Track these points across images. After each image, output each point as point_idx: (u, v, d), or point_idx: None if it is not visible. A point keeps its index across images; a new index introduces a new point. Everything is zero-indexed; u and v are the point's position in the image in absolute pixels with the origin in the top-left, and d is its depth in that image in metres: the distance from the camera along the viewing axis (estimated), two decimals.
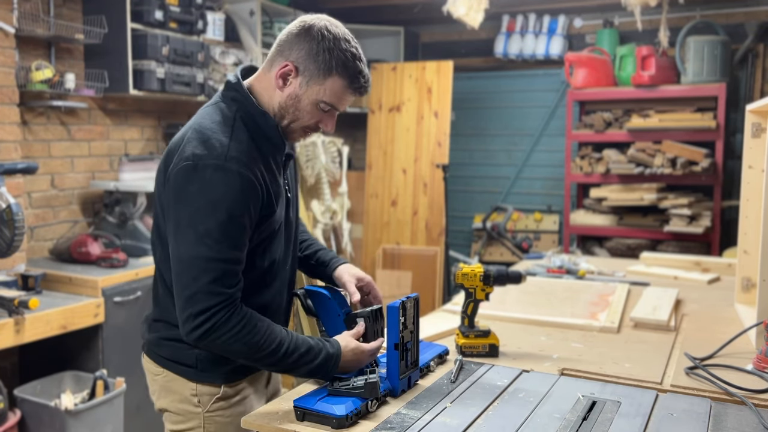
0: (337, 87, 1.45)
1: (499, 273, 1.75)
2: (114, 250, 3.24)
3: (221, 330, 1.37)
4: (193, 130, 1.46)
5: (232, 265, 1.39)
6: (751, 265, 2.19)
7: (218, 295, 1.37)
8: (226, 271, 1.38)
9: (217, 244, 1.37)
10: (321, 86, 1.45)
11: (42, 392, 2.91)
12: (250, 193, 1.40)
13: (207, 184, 1.38)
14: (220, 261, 1.37)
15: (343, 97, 1.48)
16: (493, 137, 5.59)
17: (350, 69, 1.44)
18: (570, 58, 4.73)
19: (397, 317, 1.45)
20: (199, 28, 3.80)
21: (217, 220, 1.37)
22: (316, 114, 1.49)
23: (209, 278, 1.36)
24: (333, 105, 1.48)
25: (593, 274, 2.83)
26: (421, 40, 5.84)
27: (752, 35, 4.55)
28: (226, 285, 1.38)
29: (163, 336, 1.56)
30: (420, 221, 5.06)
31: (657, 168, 4.43)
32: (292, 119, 1.49)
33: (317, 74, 1.44)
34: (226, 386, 1.54)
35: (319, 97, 1.46)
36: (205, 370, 1.52)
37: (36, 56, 3.30)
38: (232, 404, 1.55)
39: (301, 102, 1.47)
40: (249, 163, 1.41)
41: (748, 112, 2.21)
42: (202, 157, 1.39)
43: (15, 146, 3.06)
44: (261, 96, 1.51)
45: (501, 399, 1.46)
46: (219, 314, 1.37)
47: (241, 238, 1.41)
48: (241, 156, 1.41)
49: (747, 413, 1.39)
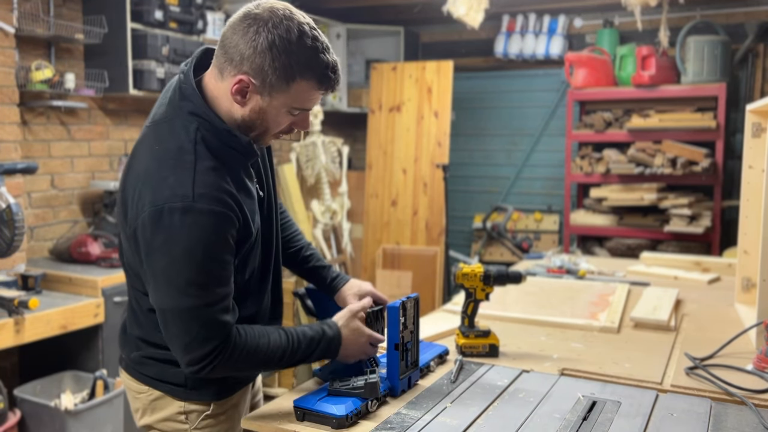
0: (305, 89, 1.30)
1: (499, 273, 1.75)
2: (114, 250, 3.24)
3: (224, 365, 1.31)
4: (147, 165, 1.30)
5: (222, 302, 1.30)
6: (751, 265, 2.19)
7: (214, 339, 1.28)
8: (217, 311, 1.28)
9: (202, 291, 1.26)
10: (286, 94, 1.30)
11: (42, 392, 2.91)
12: (226, 228, 1.28)
13: (177, 232, 1.24)
14: (209, 306, 1.27)
15: (314, 97, 1.33)
16: (493, 137, 5.58)
17: (315, 68, 1.28)
18: (570, 58, 4.73)
19: (397, 317, 1.45)
20: (199, 28, 3.80)
21: (197, 268, 1.25)
22: (286, 119, 1.35)
23: (200, 325, 1.27)
24: (305, 108, 1.34)
25: (593, 274, 2.82)
26: (421, 40, 5.84)
27: (752, 35, 4.55)
28: (220, 325, 1.29)
29: (147, 355, 1.46)
30: (420, 221, 5.06)
31: (657, 168, 4.43)
32: (262, 130, 1.36)
33: (279, 84, 1.28)
34: (215, 403, 1.48)
35: (288, 104, 1.31)
36: (195, 388, 1.45)
37: (36, 56, 3.30)
38: (220, 421, 1.50)
39: (267, 114, 1.32)
40: (219, 194, 1.27)
41: (748, 112, 2.21)
42: (166, 200, 1.24)
43: (15, 146, 3.06)
44: (219, 103, 1.34)
45: (501, 399, 1.46)
46: (219, 356, 1.29)
47: (225, 273, 1.30)
48: (209, 190, 1.26)
49: (747, 413, 1.39)
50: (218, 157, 1.32)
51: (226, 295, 1.31)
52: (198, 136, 1.31)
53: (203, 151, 1.30)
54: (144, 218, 1.26)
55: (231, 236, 1.30)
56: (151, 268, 1.28)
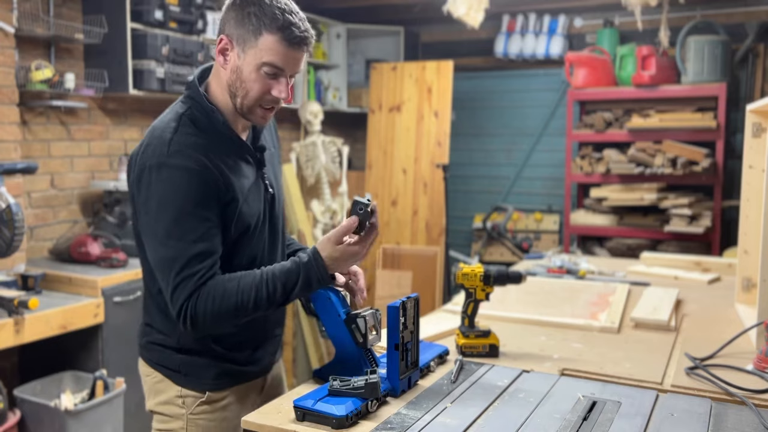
0: (271, 43, 1.38)
1: (499, 273, 1.75)
2: (114, 250, 3.24)
3: (200, 314, 1.38)
4: (146, 135, 1.48)
5: (200, 257, 1.38)
6: (751, 265, 2.19)
7: (186, 288, 1.37)
8: (193, 266, 1.38)
9: (179, 243, 1.37)
10: (256, 49, 1.39)
11: (42, 392, 2.91)
12: (200, 184, 1.38)
13: (154, 186, 1.38)
14: (185, 258, 1.37)
15: (282, 54, 1.40)
16: (493, 137, 5.58)
17: (279, 22, 1.37)
18: (570, 58, 4.73)
19: (397, 317, 1.45)
20: (199, 27, 3.80)
21: (171, 219, 1.37)
22: (261, 81, 1.42)
23: (178, 275, 1.37)
24: (274, 65, 1.40)
25: (593, 274, 2.82)
26: (421, 40, 5.84)
27: (752, 35, 4.55)
28: (195, 277, 1.38)
29: (150, 340, 1.58)
30: (420, 221, 5.06)
31: (657, 168, 4.43)
32: (242, 95, 1.44)
33: (249, 38, 1.39)
34: (210, 393, 1.55)
35: (258, 60, 1.40)
36: (188, 375, 1.54)
37: (36, 56, 3.30)
38: (216, 408, 1.56)
39: (243, 72, 1.42)
40: (194, 154, 1.39)
41: (748, 112, 2.20)
42: (147, 158, 1.40)
43: (15, 146, 3.06)
44: (216, 89, 1.49)
45: (501, 399, 1.46)
46: (192, 303, 1.38)
47: (202, 227, 1.38)
48: (183, 149, 1.39)
49: (747, 413, 1.39)
50: (204, 132, 1.45)
51: (207, 252, 1.39)
52: (186, 113, 1.46)
53: (187, 123, 1.45)
54: (133, 178, 1.44)
55: (208, 194, 1.39)
56: (141, 227, 1.43)
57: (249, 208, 1.49)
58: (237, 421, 1.51)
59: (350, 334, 1.49)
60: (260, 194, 1.55)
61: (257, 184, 1.54)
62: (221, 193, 1.42)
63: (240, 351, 1.59)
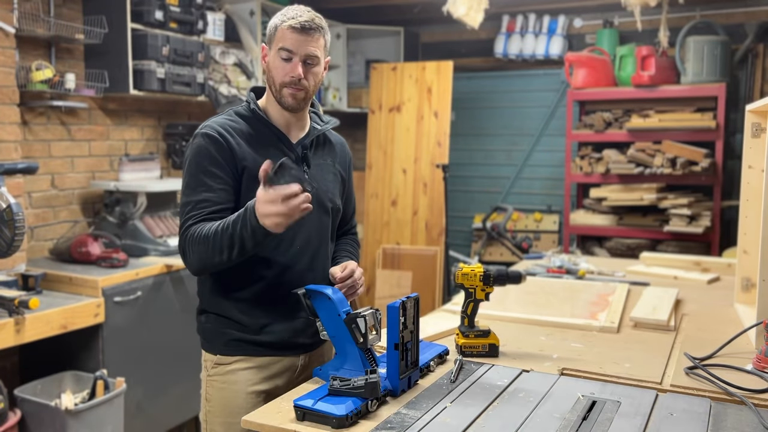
0: (281, 32, 1.69)
1: (499, 273, 1.75)
2: (114, 250, 3.24)
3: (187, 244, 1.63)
4: None
5: (204, 204, 1.65)
6: (750, 265, 2.20)
7: (186, 225, 1.65)
8: (197, 207, 1.65)
9: (192, 192, 1.67)
10: (274, 42, 1.71)
11: (42, 392, 2.91)
12: (215, 149, 1.67)
13: (188, 151, 1.73)
14: (193, 203, 1.66)
15: (290, 38, 1.67)
16: (493, 137, 5.59)
17: (288, 16, 1.69)
18: (570, 58, 4.74)
19: (397, 317, 1.45)
20: (199, 28, 3.80)
21: (190, 174, 1.69)
22: (280, 65, 1.69)
23: (184, 215, 1.67)
24: (285, 48, 1.68)
25: (593, 274, 2.83)
26: (421, 40, 5.84)
27: (752, 35, 4.55)
28: (195, 215, 1.64)
29: (197, 310, 1.84)
30: (420, 221, 5.06)
31: (657, 168, 4.44)
32: (272, 82, 1.73)
33: (272, 37, 1.72)
34: (221, 356, 1.76)
35: (276, 48, 1.69)
36: (206, 339, 1.79)
37: (36, 56, 3.30)
38: (226, 372, 1.75)
39: (270, 64, 1.73)
40: (218, 128, 1.70)
41: (748, 112, 2.21)
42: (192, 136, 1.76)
43: (15, 146, 3.06)
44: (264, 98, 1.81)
45: (501, 399, 1.46)
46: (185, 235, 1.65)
47: (210, 181, 1.66)
48: (215, 125, 1.71)
49: (747, 413, 1.39)
50: (246, 121, 1.76)
51: (210, 200, 1.66)
52: (240, 111, 1.79)
53: (233, 114, 1.78)
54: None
55: (220, 155, 1.67)
56: None
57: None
58: (250, 389, 1.73)
59: (350, 334, 1.50)
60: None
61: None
62: (235, 160, 1.68)
63: (252, 317, 1.74)
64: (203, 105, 4.26)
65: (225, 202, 1.67)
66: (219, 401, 1.76)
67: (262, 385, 1.76)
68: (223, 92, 3.99)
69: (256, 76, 4.25)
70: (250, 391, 1.74)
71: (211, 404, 1.78)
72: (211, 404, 1.78)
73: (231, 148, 1.69)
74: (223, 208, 1.66)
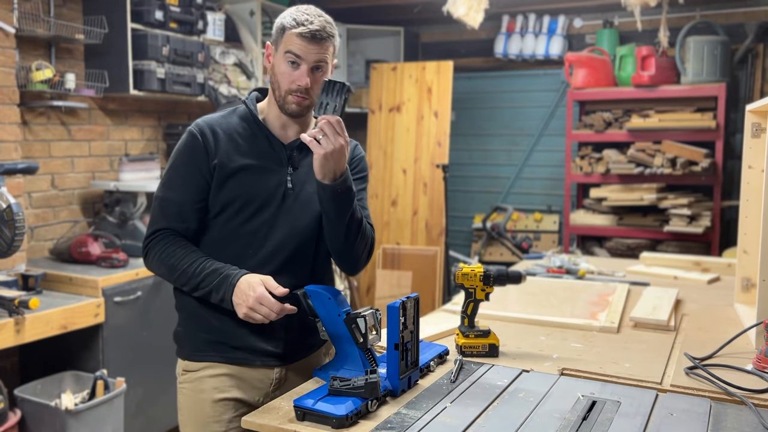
0: (289, 37, 1.62)
1: (499, 273, 1.75)
2: (114, 250, 3.24)
3: (151, 254, 1.68)
4: None
5: (167, 203, 1.68)
6: (750, 265, 2.19)
7: (153, 226, 1.70)
8: (162, 208, 1.68)
9: (162, 187, 1.71)
10: (282, 44, 1.64)
11: (42, 392, 2.91)
12: (191, 147, 1.67)
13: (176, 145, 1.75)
14: (160, 200, 1.69)
15: (298, 44, 1.61)
16: (493, 137, 5.59)
17: (296, 20, 1.62)
18: (570, 58, 4.74)
19: (397, 317, 1.45)
20: (199, 28, 3.80)
21: (168, 167, 1.72)
22: (287, 71, 1.64)
23: (152, 213, 1.72)
24: (292, 52, 1.62)
25: (593, 274, 2.83)
26: (421, 40, 5.84)
27: (752, 35, 4.55)
28: (160, 219, 1.68)
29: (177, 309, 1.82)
30: (420, 221, 5.06)
31: (657, 168, 4.44)
32: (277, 86, 1.67)
33: (279, 38, 1.65)
34: (188, 361, 1.72)
35: (282, 51, 1.64)
36: (178, 345, 1.77)
37: (36, 56, 3.30)
38: (194, 379, 1.70)
39: (275, 67, 1.67)
40: (205, 126, 1.69)
41: (747, 112, 2.21)
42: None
43: (15, 146, 3.06)
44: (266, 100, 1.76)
45: (501, 399, 1.46)
46: (152, 242, 1.68)
47: (177, 181, 1.67)
48: (200, 122, 1.70)
49: (747, 413, 1.39)
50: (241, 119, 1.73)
51: (173, 200, 1.67)
52: (237, 110, 1.77)
53: (229, 112, 1.76)
54: None
55: (193, 154, 1.67)
56: None
57: (238, 182, 1.67)
58: (218, 396, 1.67)
59: (350, 334, 1.49)
60: (269, 181, 1.69)
61: (269, 170, 1.70)
62: (208, 158, 1.66)
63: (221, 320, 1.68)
64: (203, 105, 4.26)
65: (187, 202, 1.67)
66: (189, 410, 1.70)
67: (233, 392, 1.68)
68: (223, 92, 3.99)
69: (256, 76, 4.25)
70: (218, 399, 1.66)
71: (182, 413, 1.72)
72: (182, 413, 1.72)
73: (206, 145, 1.67)
74: (180, 210, 1.68)
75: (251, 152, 1.69)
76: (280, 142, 1.72)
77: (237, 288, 1.57)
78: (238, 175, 1.67)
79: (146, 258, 1.71)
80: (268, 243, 1.68)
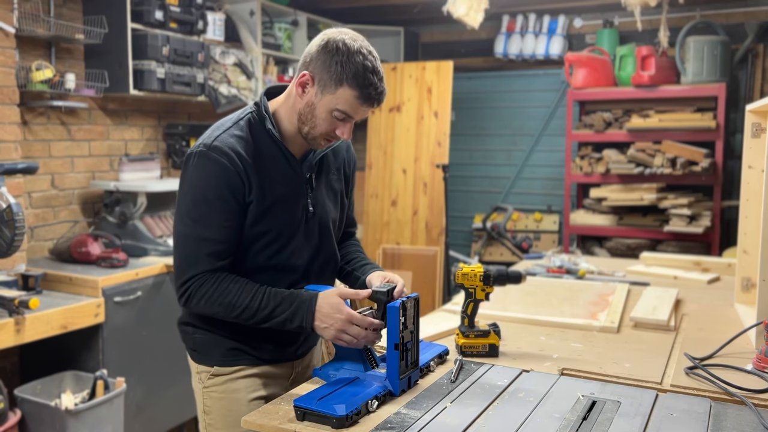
0: (348, 97, 1.51)
1: (499, 273, 1.75)
2: (114, 250, 3.24)
3: (196, 297, 1.54)
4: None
5: (208, 243, 1.53)
6: (750, 265, 2.20)
7: (191, 270, 1.54)
8: (202, 248, 1.53)
9: (194, 223, 1.53)
10: (333, 95, 1.51)
11: (42, 392, 2.91)
12: (224, 179, 1.52)
13: (190, 170, 1.56)
14: (196, 239, 1.54)
15: (355, 107, 1.52)
16: (492, 137, 5.59)
17: (360, 80, 1.49)
18: (570, 58, 4.74)
19: (397, 317, 1.45)
20: (200, 28, 3.80)
21: (193, 201, 1.54)
22: (330, 121, 1.54)
23: (186, 254, 1.55)
24: (346, 113, 1.53)
25: (593, 274, 2.83)
26: (421, 40, 5.84)
27: (752, 35, 4.55)
28: (200, 261, 1.54)
29: (180, 320, 1.74)
30: (420, 221, 5.06)
31: (657, 168, 4.44)
32: (311, 126, 1.56)
33: (330, 84, 1.50)
34: (218, 367, 1.68)
35: (332, 105, 1.52)
36: (201, 352, 1.69)
37: (36, 56, 3.30)
38: (225, 381, 1.67)
39: (316, 110, 1.54)
40: (230, 152, 1.53)
41: (748, 112, 2.21)
42: (195, 147, 1.57)
43: (15, 146, 3.06)
44: (282, 109, 1.62)
45: (501, 399, 1.46)
46: (194, 284, 1.54)
47: (215, 217, 1.53)
48: (224, 146, 1.53)
49: (747, 413, 1.39)
50: (256, 135, 1.59)
51: (214, 239, 1.54)
52: (246, 117, 1.62)
53: (243, 125, 1.60)
54: (182, 163, 1.63)
55: (231, 189, 1.53)
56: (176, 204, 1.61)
57: (273, 216, 1.59)
58: (252, 395, 1.67)
59: None
60: (296, 208, 1.64)
61: (296, 197, 1.63)
62: (245, 194, 1.55)
63: (246, 334, 1.66)
64: (203, 105, 4.26)
65: (227, 240, 1.55)
66: (220, 412, 1.68)
67: (262, 390, 1.70)
68: (223, 92, 3.99)
69: (257, 76, 4.25)
70: (252, 398, 1.67)
71: (211, 416, 1.69)
72: (211, 416, 1.69)
73: (240, 176, 1.54)
74: (224, 248, 1.56)
75: (278, 179, 1.60)
76: (295, 159, 1.64)
77: (318, 312, 1.51)
78: (273, 210, 1.60)
79: (188, 300, 1.56)
80: (297, 270, 1.67)
